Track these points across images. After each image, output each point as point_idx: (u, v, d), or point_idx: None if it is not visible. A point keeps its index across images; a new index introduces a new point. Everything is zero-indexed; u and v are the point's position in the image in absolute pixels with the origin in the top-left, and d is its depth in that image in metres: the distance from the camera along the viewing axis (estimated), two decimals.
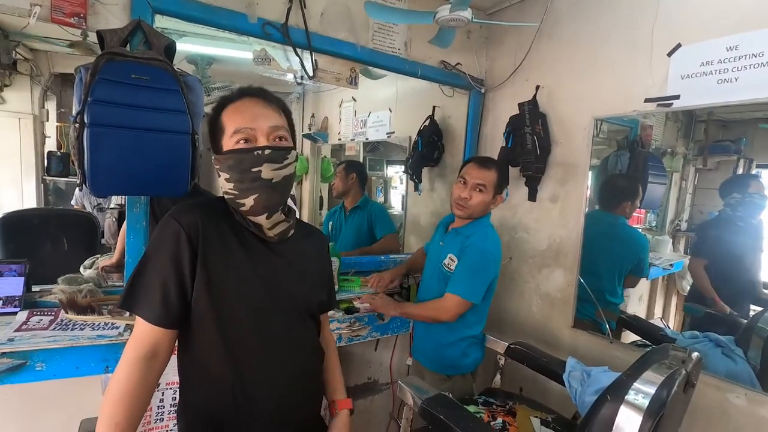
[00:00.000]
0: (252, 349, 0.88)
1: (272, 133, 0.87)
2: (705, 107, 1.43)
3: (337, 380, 1.11)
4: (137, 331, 0.83)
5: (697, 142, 1.87)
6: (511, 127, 1.96)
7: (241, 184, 0.85)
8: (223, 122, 0.88)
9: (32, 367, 1.09)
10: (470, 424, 1.07)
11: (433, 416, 1.14)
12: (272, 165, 0.85)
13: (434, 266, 1.65)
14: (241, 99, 0.89)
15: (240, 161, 0.84)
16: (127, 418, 0.78)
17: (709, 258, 1.82)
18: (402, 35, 1.90)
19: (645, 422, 0.77)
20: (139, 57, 1.19)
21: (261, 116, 0.87)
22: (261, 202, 0.86)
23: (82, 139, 1.12)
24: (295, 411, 0.94)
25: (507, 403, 1.44)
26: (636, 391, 0.81)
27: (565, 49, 1.84)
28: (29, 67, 2.73)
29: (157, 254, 0.84)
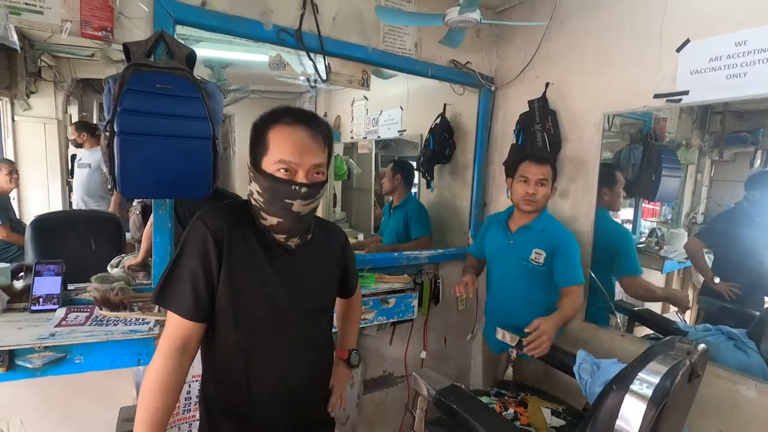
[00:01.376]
0: (266, 345, 0.95)
1: (312, 170, 0.91)
2: (714, 102, 1.43)
3: (345, 336, 1.28)
4: (170, 325, 0.90)
5: (712, 133, 1.85)
6: (522, 124, 1.99)
7: (271, 205, 0.91)
8: (269, 143, 0.90)
9: (72, 360, 1.18)
10: (482, 413, 1.12)
11: (447, 406, 1.18)
12: (304, 201, 0.90)
13: (511, 263, 1.72)
14: (292, 125, 0.90)
15: (276, 190, 0.89)
16: (165, 405, 0.87)
17: (715, 248, 1.81)
18: (412, 36, 1.94)
19: (648, 410, 0.80)
20: (162, 67, 1.25)
21: (307, 151, 0.89)
22: (285, 226, 0.92)
23: (112, 147, 1.19)
24: (303, 399, 1.02)
25: (518, 395, 1.48)
26: (641, 381, 0.84)
27: (575, 46, 1.85)
28: (53, 73, 2.85)
29: (186, 254, 0.90)
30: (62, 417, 1.43)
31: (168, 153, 1.24)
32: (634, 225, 2.18)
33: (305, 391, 1.02)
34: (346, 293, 1.22)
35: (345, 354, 1.23)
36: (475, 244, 2.01)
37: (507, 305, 1.75)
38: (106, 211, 2.79)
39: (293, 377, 0.98)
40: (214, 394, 0.98)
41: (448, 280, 2.28)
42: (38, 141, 2.97)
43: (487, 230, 1.89)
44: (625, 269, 1.87)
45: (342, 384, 1.20)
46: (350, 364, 1.22)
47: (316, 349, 1.03)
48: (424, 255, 2.15)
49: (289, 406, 0.99)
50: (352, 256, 1.20)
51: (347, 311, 1.29)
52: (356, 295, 1.27)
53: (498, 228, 1.82)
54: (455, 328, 2.40)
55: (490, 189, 2.33)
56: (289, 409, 0.99)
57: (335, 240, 1.12)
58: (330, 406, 1.14)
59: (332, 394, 1.15)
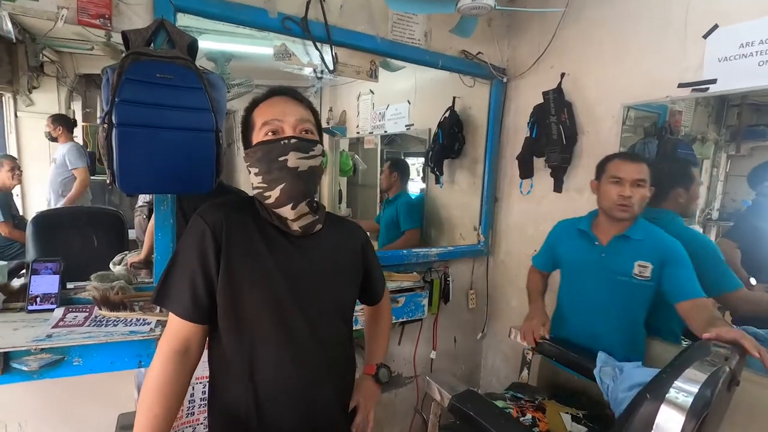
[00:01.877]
0: (271, 346, 0.87)
1: (299, 125, 0.89)
2: (745, 91, 1.35)
3: (374, 348, 1.16)
4: (170, 326, 0.85)
5: (729, 127, 1.77)
6: (536, 116, 1.92)
7: (268, 174, 0.86)
8: (254, 119, 0.92)
9: (70, 362, 1.13)
10: (501, 420, 1.05)
11: (463, 412, 1.12)
12: (298, 154, 0.86)
13: (605, 279, 1.46)
14: (270, 97, 0.92)
15: (268, 151, 0.86)
16: (165, 410, 0.81)
17: (742, 245, 1.73)
18: (422, 25, 1.86)
19: (688, 422, 0.73)
20: (163, 56, 1.20)
21: (288, 110, 0.90)
22: (286, 191, 0.86)
23: (110, 139, 1.13)
24: (319, 411, 0.92)
25: (535, 398, 1.42)
26: (678, 390, 0.77)
27: (592, 34, 1.77)
28: (55, 68, 2.80)
29: (185, 252, 0.86)
30: (62, 420, 1.38)
31: (169, 146, 1.18)
32: None
33: (320, 400, 0.92)
34: (371, 300, 1.14)
35: (373, 369, 1.10)
36: (542, 254, 1.72)
37: (598, 328, 1.48)
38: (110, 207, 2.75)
39: (304, 384, 0.90)
40: (220, 402, 0.91)
41: (459, 278, 2.22)
42: (42, 137, 2.93)
43: (561, 239, 1.63)
44: (724, 285, 1.48)
45: (370, 402, 1.06)
46: (379, 381, 1.10)
47: (329, 353, 0.94)
48: (434, 252, 2.08)
49: (302, 417, 0.90)
50: (375, 259, 1.11)
51: (375, 320, 1.19)
52: (384, 302, 1.17)
53: (580, 238, 1.54)
54: (465, 328, 2.34)
55: (502, 184, 2.26)
56: (301, 421, 0.90)
57: (353, 238, 1.05)
58: (354, 427, 1.02)
59: (358, 413, 1.03)
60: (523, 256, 2.14)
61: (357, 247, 1.05)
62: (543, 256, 1.72)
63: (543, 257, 1.72)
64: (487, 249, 2.27)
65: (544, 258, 1.72)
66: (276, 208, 0.89)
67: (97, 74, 3.27)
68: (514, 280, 2.21)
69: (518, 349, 2.19)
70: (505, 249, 2.26)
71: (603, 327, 1.47)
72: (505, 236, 2.26)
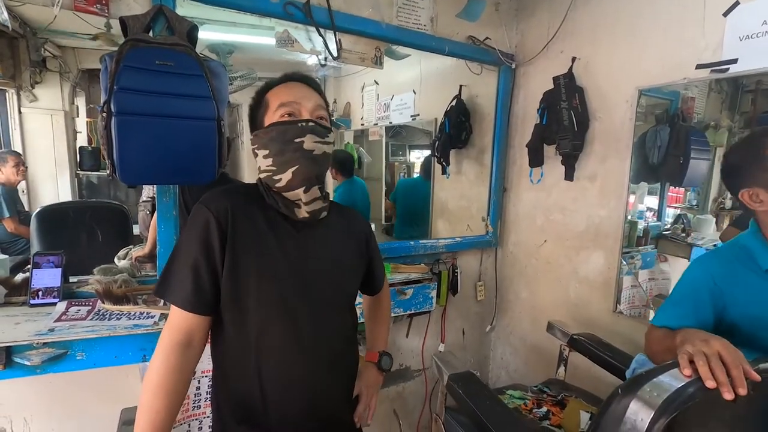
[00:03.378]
0: (277, 335, 0.86)
1: (315, 111, 0.90)
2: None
3: (374, 336, 1.18)
4: (172, 318, 0.83)
5: (743, 114, 1.71)
6: (546, 103, 1.86)
7: (281, 156, 0.85)
8: (268, 100, 0.91)
9: (73, 357, 1.11)
10: (486, 402, 1.05)
11: (456, 392, 1.12)
12: (314, 137, 0.86)
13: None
14: (287, 81, 0.93)
15: (284, 132, 0.86)
16: (167, 406, 0.79)
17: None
18: (428, 10, 1.81)
19: (657, 418, 0.69)
20: (162, 42, 1.16)
21: (306, 95, 0.90)
22: (300, 173, 0.86)
23: (109, 128, 1.10)
24: (324, 400, 0.92)
25: (560, 394, 1.38)
26: (652, 386, 0.73)
27: (605, 15, 1.71)
28: (58, 63, 2.78)
29: (188, 242, 0.83)
30: (68, 415, 1.37)
31: (169, 135, 1.15)
32: (659, 212, 2.07)
33: (325, 388, 0.91)
34: (372, 290, 1.13)
35: (375, 356, 1.12)
36: (679, 307, 1.06)
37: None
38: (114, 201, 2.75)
39: (310, 372, 0.88)
40: (225, 396, 0.90)
41: (467, 270, 2.18)
42: (45, 133, 2.92)
43: (725, 287, 1.01)
44: None
45: (372, 390, 1.08)
46: (381, 369, 1.11)
47: (333, 341, 0.93)
48: (442, 243, 2.05)
49: (308, 405, 0.89)
50: (378, 249, 1.11)
51: (375, 309, 1.19)
52: (384, 291, 1.18)
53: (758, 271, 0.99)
54: (474, 320, 2.30)
55: (510, 173, 2.21)
56: (307, 408, 0.89)
57: (357, 228, 1.04)
58: (356, 415, 1.03)
59: (360, 401, 1.05)
60: (533, 246, 2.10)
61: (362, 237, 1.04)
62: (683, 309, 1.04)
63: (683, 310, 1.04)
64: (495, 240, 2.23)
65: (685, 311, 1.04)
66: (286, 191, 0.88)
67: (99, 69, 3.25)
68: (523, 270, 2.17)
69: (528, 342, 2.16)
70: (514, 240, 2.22)
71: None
72: (514, 227, 2.21)
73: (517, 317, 2.22)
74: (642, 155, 1.88)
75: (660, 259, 2.02)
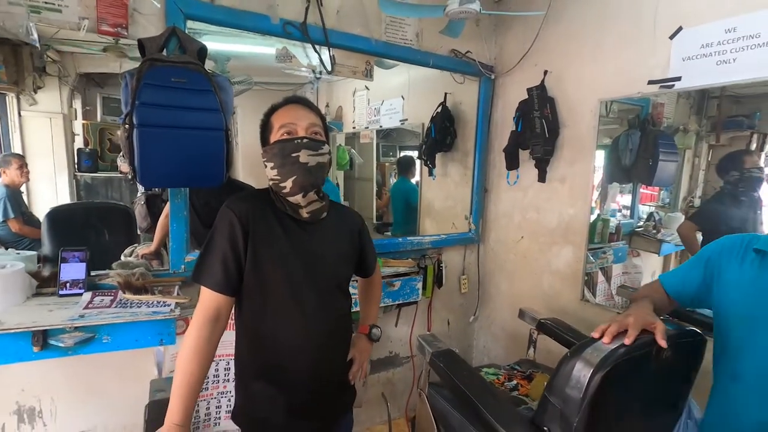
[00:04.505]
0: (289, 313, 1.05)
1: (310, 128, 1.06)
2: (704, 88, 1.49)
3: (366, 313, 1.38)
4: (203, 299, 1.01)
5: (709, 118, 1.88)
6: (521, 111, 2.04)
7: (282, 168, 1.03)
8: (272, 122, 1.08)
9: (100, 340, 1.25)
10: (464, 373, 1.23)
11: (439, 367, 1.29)
12: (308, 151, 1.03)
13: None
14: (287, 105, 1.09)
15: (283, 148, 1.03)
16: (199, 368, 0.98)
17: (706, 229, 1.87)
18: (413, 27, 1.98)
19: (595, 374, 0.88)
20: (176, 61, 1.31)
21: (302, 116, 1.07)
22: (298, 182, 1.03)
23: (132, 139, 1.25)
24: (325, 366, 1.11)
25: (529, 370, 1.57)
26: (594, 349, 0.92)
27: (572, 34, 1.90)
28: (57, 68, 2.88)
29: (217, 237, 1.02)
30: (89, 394, 1.52)
31: (184, 144, 1.31)
32: (632, 210, 2.25)
33: (325, 357, 1.11)
34: (365, 272, 1.32)
35: (366, 329, 1.33)
36: (681, 271, 1.18)
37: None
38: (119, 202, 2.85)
39: (313, 343, 1.07)
40: (247, 356, 1.10)
41: (451, 264, 2.36)
42: (45, 135, 3.01)
43: (722, 262, 1.08)
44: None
45: (364, 355, 1.28)
46: (371, 338, 1.32)
47: (332, 319, 1.12)
48: (427, 240, 2.22)
49: (313, 369, 1.08)
50: (369, 239, 1.29)
51: (368, 290, 1.40)
52: (376, 275, 1.37)
53: (762, 264, 1.01)
54: (458, 311, 2.48)
55: (491, 175, 2.39)
56: (312, 372, 1.08)
57: (351, 223, 1.23)
58: (351, 374, 1.22)
59: (354, 363, 1.24)
60: (511, 243, 2.29)
61: (355, 230, 1.23)
62: (682, 274, 1.16)
63: (681, 275, 1.16)
64: (477, 237, 2.41)
65: (680, 279, 1.15)
66: (289, 196, 1.06)
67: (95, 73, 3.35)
68: (503, 265, 2.35)
69: (507, 330, 2.34)
70: (494, 237, 2.40)
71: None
72: (494, 224, 2.40)
73: (498, 308, 2.41)
74: (615, 157, 2.06)
75: (632, 254, 2.20)
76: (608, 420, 0.96)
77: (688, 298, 1.15)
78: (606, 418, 0.94)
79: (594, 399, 0.89)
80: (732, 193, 1.76)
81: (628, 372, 0.93)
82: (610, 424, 0.98)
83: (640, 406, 1.03)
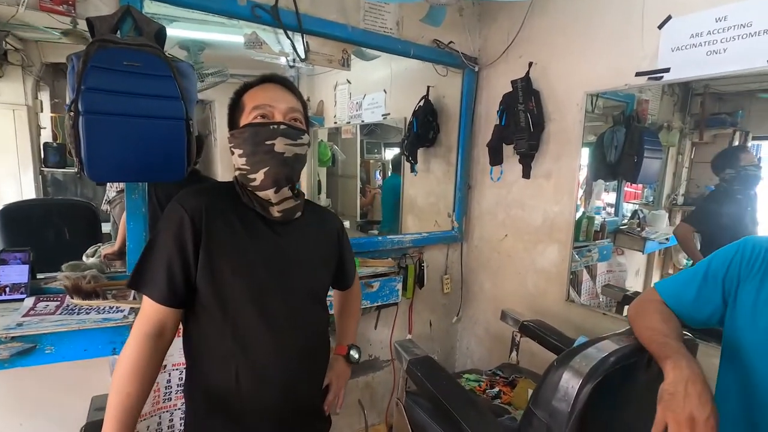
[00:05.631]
0: (253, 330, 0.89)
1: (289, 113, 0.92)
2: (694, 80, 1.43)
3: (344, 330, 1.22)
4: (144, 310, 0.86)
5: (693, 115, 1.87)
6: (505, 104, 1.97)
7: (253, 157, 0.88)
8: (244, 102, 0.93)
9: (42, 351, 1.13)
10: (443, 382, 1.14)
11: (415, 375, 1.21)
12: (286, 140, 0.89)
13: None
14: (264, 83, 0.95)
15: (255, 133, 0.88)
16: (138, 389, 0.83)
17: (703, 230, 1.83)
18: (394, 14, 1.89)
19: (584, 385, 0.80)
20: (130, 44, 1.19)
21: (280, 98, 0.93)
22: (271, 174, 0.89)
23: (77, 127, 1.13)
24: (297, 392, 0.95)
25: (511, 376, 1.49)
26: (582, 358, 0.84)
27: (558, 24, 1.83)
28: (20, 57, 2.71)
29: (162, 237, 0.86)
30: (36, 409, 1.38)
31: (138, 134, 1.18)
32: (616, 207, 2.21)
33: (298, 381, 0.95)
34: (343, 284, 1.18)
35: (344, 350, 1.16)
36: (687, 293, 0.94)
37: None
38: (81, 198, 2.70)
39: (284, 365, 0.92)
40: (199, 386, 0.93)
41: (434, 264, 2.28)
42: (7, 129, 2.84)
43: (741, 275, 0.88)
44: None
45: (341, 381, 1.12)
46: (350, 361, 1.15)
47: (308, 336, 0.97)
48: (408, 239, 2.13)
49: (282, 397, 0.93)
50: (349, 246, 1.15)
51: (345, 304, 1.24)
52: (355, 286, 1.22)
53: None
54: (440, 312, 2.41)
55: (475, 171, 2.32)
56: (281, 400, 0.93)
57: (329, 226, 1.09)
58: (326, 404, 1.08)
59: (330, 391, 1.09)
60: (495, 241, 2.22)
61: (333, 235, 1.09)
62: (694, 294, 0.93)
63: (694, 296, 0.93)
64: (460, 235, 2.33)
65: (696, 298, 0.93)
66: (259, 191, 0.91)
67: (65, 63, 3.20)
68: (486, 264, 2.28)
69: (491, 331, 2.28)
70: (478, 235, 2.33)
71: None
72: (478, 222, 2.32)
73: (482, 308, 2.34)
74: (600, 154, 2.01)
75: (617, 252, 2.17)
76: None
77: (700, 322, 0.93)
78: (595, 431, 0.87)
79: (583, 412, 0.81)
80: (727, 191, 1.72)
81: (619, 382, 0.85)
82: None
83: (632, 419, 0.96)
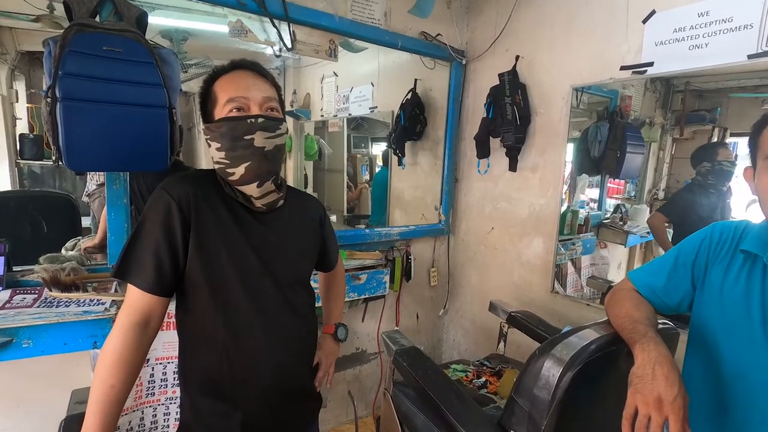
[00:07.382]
0: (245, 315, 0.90)
1: (265, 103, 0.89)
2: (677, 74, 1.46)
3: (330, 310, 1.26)
4: (130, 298, 0.84)
5: (674, 112, 1.91)
6: (492, 98, 1.97)
7: (233, 152, 0.86)
8: (216, 92, 0.89)
9: (19, 345, 1.10)
10: (429, 373, 1.15)
11: (402, 366, 1.22)
12: (265, 133, 0.86)
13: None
14: (234, 70, 0.91)
15: (233, 128, 0.85)
16: (122, 381, 0.81)
17: (675, 220, 1.88)
18: (381, 5, 1.87)
19: (565, 372, 0.81)
20: (110, 28, 1.16)
21: (254, 87, 0.89)
22: (253, 170, 0.87)
23: (54, 114, 1.09)
24: (288, 373, 0.97)
25: (498, 366, 1.50)
26: (564, 346, 0.86)
27: (545, 17, 1.84)
28: None
29: (148, 225, 0.84)
30: (15, 404, 1.34)
31: (119, 122, 1.15)
32: (599, 202, 2.25)
33: (289, 363, 0.97)
34: (327, 266, 1.19)
35: (331, 328, 1.20)
36: (658, 280, 0.97)
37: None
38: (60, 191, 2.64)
39: (275, 348, 0.93)
40: (193, 371, 0.93)
41: (421, 257, 2.28)
42: None
43: (709, 260, 0.91)
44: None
45: (330, 359, 1.17)
46: (337, 338, 1.20)
47: (296, 319, 0.98)
48: (396, 232, 2.13)
49: (274, 378, 0.94)
50: (331, 229, 1.16)
51: (330, 285, 1.27)
52: (338, 268, 1.25)
53: (751, 269, 0.84)
54: (428, 304, 2.42)
55: (462, 165, 2.33)
56: (273, 381, 0.94)
57: (312, 212, 1.09)
58: (317, 380, 1.10)
59: (320, 368, 1.12)
60: (482, 234, 2.23)
61: (316, 220, 1.10)
62: (654, 277, 0.97)
63: (664, 282, 0.95)
64: (448, 228, 2.34)
65: (667, 284, 0.95)
66: (240, 185, 0.90)
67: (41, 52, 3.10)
68: (473, 257, 2.30)
69: (478, 323, 2.30)
70: (465, 228, 2.34)
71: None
72: (465, 215, 2.33)
73: (468, 301, 2.36)
74: (584, 148, 2.04)
75: (600, 246, 2.21)
76: (578, 422, 0.90)
77: (671, 308, 0.96)
78: (576, 419, 0.88)
79: (564, 400, 0.82)
80: (702, 184, 1.77)
81: (599, 370, 0.86)
82: (579, 426, 0.92)
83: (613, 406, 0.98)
